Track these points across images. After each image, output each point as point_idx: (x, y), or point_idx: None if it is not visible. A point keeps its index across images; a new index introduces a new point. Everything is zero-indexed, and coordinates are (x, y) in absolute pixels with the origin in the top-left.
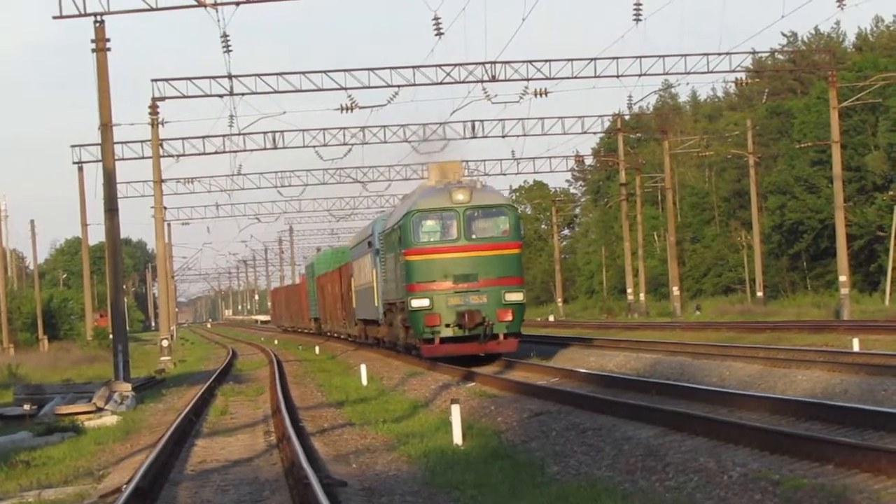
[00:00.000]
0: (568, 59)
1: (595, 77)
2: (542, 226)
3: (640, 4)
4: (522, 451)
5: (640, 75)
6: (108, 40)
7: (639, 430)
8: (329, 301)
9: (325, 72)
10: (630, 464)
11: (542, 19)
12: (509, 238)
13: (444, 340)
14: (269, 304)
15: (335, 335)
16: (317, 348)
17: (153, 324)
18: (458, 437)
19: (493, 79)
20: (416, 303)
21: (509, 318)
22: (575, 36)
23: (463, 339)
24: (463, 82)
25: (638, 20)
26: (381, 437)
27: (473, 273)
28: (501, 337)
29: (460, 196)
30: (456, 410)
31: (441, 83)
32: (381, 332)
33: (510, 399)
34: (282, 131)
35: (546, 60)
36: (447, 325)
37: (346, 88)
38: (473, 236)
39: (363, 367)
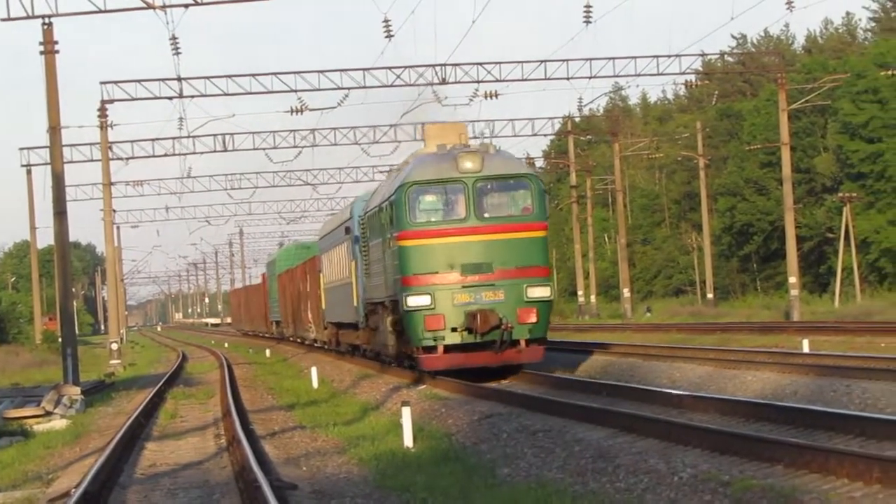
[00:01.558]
0: (518, 62)
1: (545, 79)
2: None
3: (591, 7)
4: (473, 454)
5: (590, 77)
6: (56, 42)
7: (589, 431)
8: (292, 302)
9: (274, 74)
10: (580, 465)
11: (493, 22)
12: (532, 217)
13: (448, 349)
14: (230, 306)
15: (298, 340)
16: (268, 351)
17: (103, 327)
18: (408, 440)
19: (444, 81)
20: (414, 301)
21: (533, 319)
22: (525, 38)
23: (473, 347)
24: (413, 85)
25: (588, 22)
26: (332, 440)
27: (487, 262)
28: (523, 344)
29: (469, 164)
30: (407, 413)
31: (391, 85)
32: (361, 338)
33: (460, 401)
34: (231, 134)
35: (496, 63)
36: (454, 330)
37: (295, 91)
38: (486, 215)
39: (314, 370)
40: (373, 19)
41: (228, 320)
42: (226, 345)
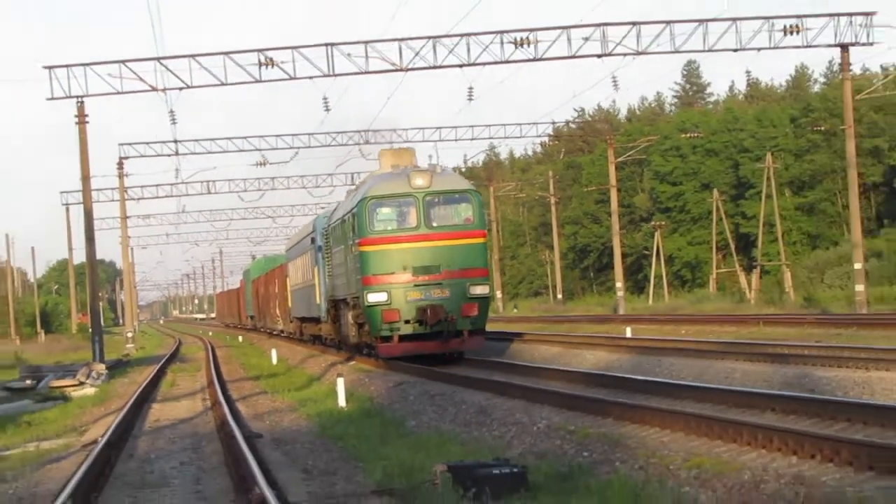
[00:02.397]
0: (420, 128)
1: (440, 140)
2: None
3: (472, 88)
4: (389, 411)
5: (472, 139)
6: (86, 115)
7: (473, 395)
8: (263, 301)
9: (244, 137)
10: (466, 419)
11: (405, 97)
12: (473, 226)
13: (402, 338)
14: (215, 305)
15: (268, 331)
16: (240, 338)
17: (121, 321)
18: (342, 402)
19: (367, 142)
20: (373, 297)
21: (474, 313)
22: (425, 108)
23: (424, 337)
24: (344, 145)
25: (471, 99)
26: (287, 402)
27: (435, 265)
28: (466, 334)
29: (419, 181)
30: (341, 382)
31: (329, 145)
32: (325, 329)
33: (380, 374)
34: (214, 181)
35: (405, 129)
36: (407, 322)
37: (259, 150)
38: (434, 224)
39: (274, 351)
40: (314, 97)
41: (213, 315)
42: (210, 333)
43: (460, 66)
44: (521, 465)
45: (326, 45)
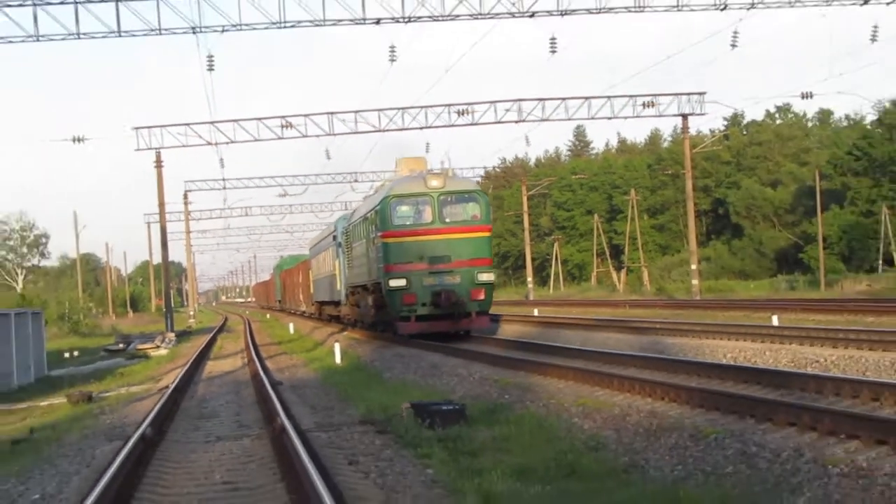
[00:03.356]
0: (391, 171)
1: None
2: None
3: (429, 143)
4: (371, 367)
5: None
6: (162, 161)
7: (430, 356)
8: (289, 289)
9: (271, 177)
10: (424, 371)
11: (383, 150)
12: (480, 222)
13: (419, 318)
14: (253, 292)
15: (292, 311)
16: (268, 315)
17: (185, 303)
18: (338, 360)
19: (356, 181)
20: (394, 283)
21: (482, 297)
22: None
23: (438, 318)
24: (340, 183)
25: (427, 152)
26: (300, 359)
27: (447, 255)
28: (474, 315)
29: (435, 182)
30: (337, 346)
31: (329, 183)
32: (343, 311)
33: (365, 341)
34: (250, 206)
35: (382, 171)
36: (423, 304)
37: (281, 185)
38: (447, 220)
39: (291, 325)
40: (320, 149)
41: (251, 300)
42: (247, 312)
43: (420, 128)
44: (462, 404)
45: (328, 113)
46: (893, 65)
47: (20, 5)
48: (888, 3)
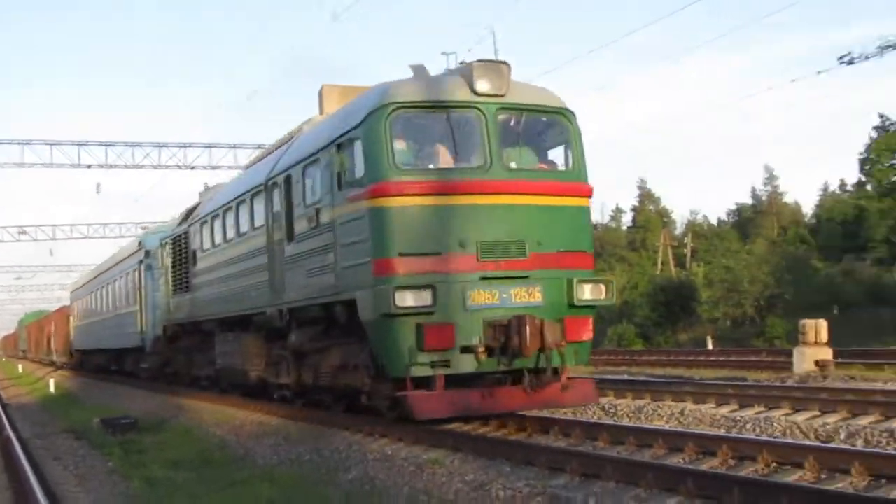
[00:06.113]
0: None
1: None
2: None
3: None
4: (75, 394)
5: None
6: None
7: (116, 387)
8: (34, 339)
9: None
10: (115, 396)
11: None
12: (576, 175)
13: (454, 382)
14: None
15: (39, 360)
16: (3, 359)
17: None
18: (52, 389)
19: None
20: (408, 298)
21: (587, 335)
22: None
23: (490, 380)
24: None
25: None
26: (25, 389)
27: (517, 239)
28: (565, 375)
29: (487, 83)
30: (52, 381)
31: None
32: (152, 361)
33: (73, 376)
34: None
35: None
36: (468, 349)
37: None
38: (513, 165)
39: (20, 366)
40: None
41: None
42: None
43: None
44: (135, 419)
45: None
46: None
47: None
48: None
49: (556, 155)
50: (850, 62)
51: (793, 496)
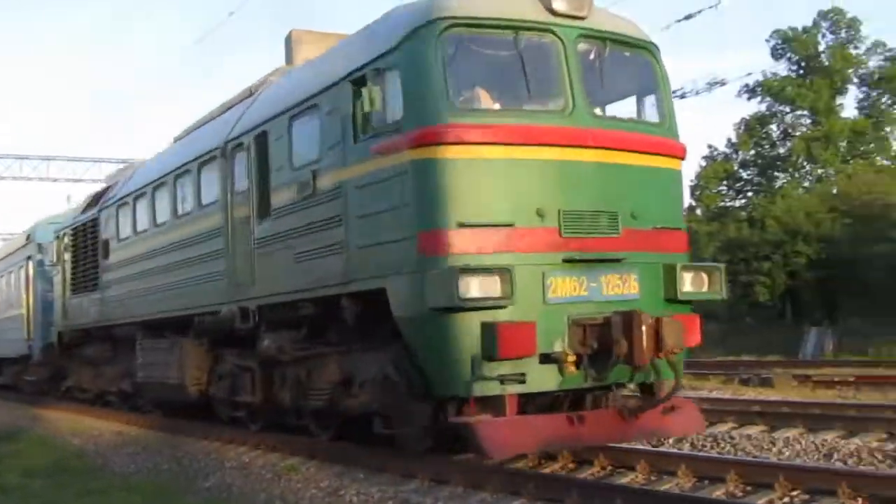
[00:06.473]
0: None
1: None
2: None
3: None
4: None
5: None
6: None
7: None
8: None
9: None
10: None
11: None
12: (667, 130)
13: (527, 403)
14: None
15: None
16: None
17: None
18: None
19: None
20: (471, 286)
21: (694, 340)
22: None
23: (574, 399)
24: None
25: None
26: None
27: (612, 211)
28: (662, 393)
29: (564, 1)
30: None
31: None
32: (37, 372)
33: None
34: None
35: None
36: (551, 357)
37: None
38: (598, 111)
39: None
40: None
41: None
42: None
43: None
44: None
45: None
46: None
47: None
48: None
49: (639, 103)
50: (682, 97)
51: None
